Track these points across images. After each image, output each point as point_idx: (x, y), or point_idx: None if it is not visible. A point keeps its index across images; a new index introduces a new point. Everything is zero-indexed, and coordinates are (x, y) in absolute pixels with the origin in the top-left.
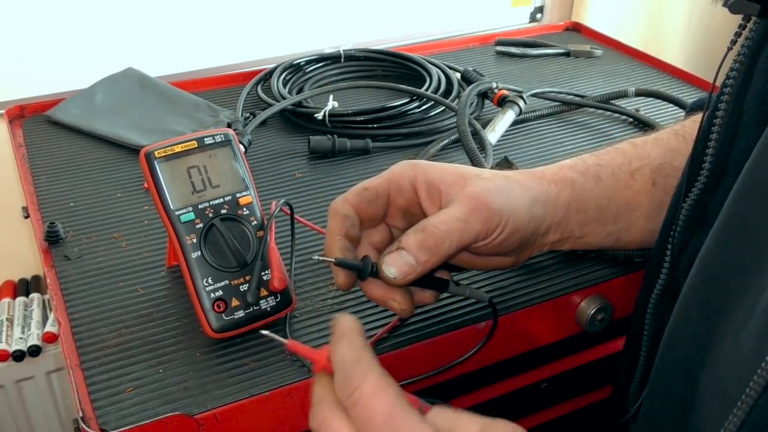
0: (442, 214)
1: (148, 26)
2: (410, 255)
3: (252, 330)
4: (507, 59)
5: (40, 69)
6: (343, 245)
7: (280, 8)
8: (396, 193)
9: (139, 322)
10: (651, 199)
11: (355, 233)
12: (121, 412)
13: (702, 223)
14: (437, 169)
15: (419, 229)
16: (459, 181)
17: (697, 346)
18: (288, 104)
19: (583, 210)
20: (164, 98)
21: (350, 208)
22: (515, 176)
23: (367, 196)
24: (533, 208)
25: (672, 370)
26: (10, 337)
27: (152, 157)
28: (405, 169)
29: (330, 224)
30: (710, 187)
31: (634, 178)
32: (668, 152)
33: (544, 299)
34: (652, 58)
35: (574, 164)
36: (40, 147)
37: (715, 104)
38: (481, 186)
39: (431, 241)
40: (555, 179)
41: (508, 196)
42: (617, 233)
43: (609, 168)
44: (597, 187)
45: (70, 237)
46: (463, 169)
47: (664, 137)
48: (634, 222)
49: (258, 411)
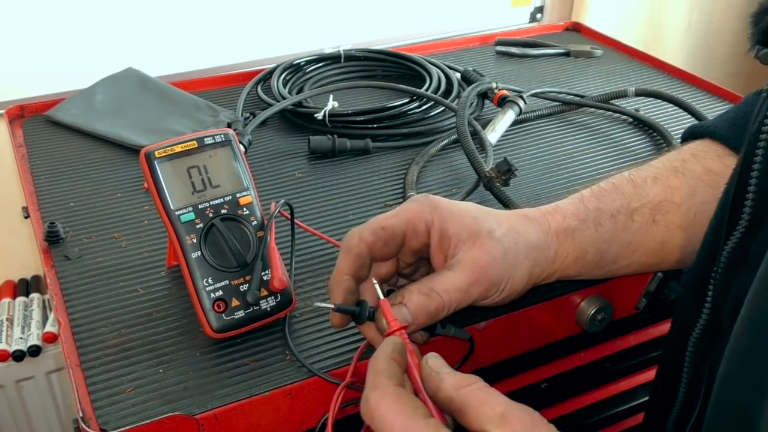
0: (446, 279)
1: (148, 26)
2: (410, 314)
3: (252, 330)
4: (507, 59)
5: (40, 69)
6: (347, 287)
7: (280, 8)
8: (411, 235)
9: (139, 322)
10: (652, 238)
11: (364, 273)
12: (121, 412)
13: (745, 264)
14: (454, 218)
15: (424, 293)
16: (470, 239)
17: (753, 391)
18: (288, 104)
19: (582, 257)
20: (164, 98)
21: (365, 248)
22: (524, 232)
23: (383, 236)
24: (532, 269)
25: (728, 415)
26: (10, 337)
27: (152, 157)
28: (424, 212)
29: (340, 261)
30: (753, 228)
31: (633, 219)
32: (667, 189)
33: (544, 299)
34: (652, 58)
35: (575, 210)
36: (40, 147)
37: (754, 142)
38: (487, 252)
39: (432, 308)
40: (558, 232)
41: (512, 263)
42: (615, 271)
43: (608, 212)
44: (597, 233)
45: (70, 237)
46: (479, 223)
47: (663, 175)
48: (634, 261)
49: (258, 411)
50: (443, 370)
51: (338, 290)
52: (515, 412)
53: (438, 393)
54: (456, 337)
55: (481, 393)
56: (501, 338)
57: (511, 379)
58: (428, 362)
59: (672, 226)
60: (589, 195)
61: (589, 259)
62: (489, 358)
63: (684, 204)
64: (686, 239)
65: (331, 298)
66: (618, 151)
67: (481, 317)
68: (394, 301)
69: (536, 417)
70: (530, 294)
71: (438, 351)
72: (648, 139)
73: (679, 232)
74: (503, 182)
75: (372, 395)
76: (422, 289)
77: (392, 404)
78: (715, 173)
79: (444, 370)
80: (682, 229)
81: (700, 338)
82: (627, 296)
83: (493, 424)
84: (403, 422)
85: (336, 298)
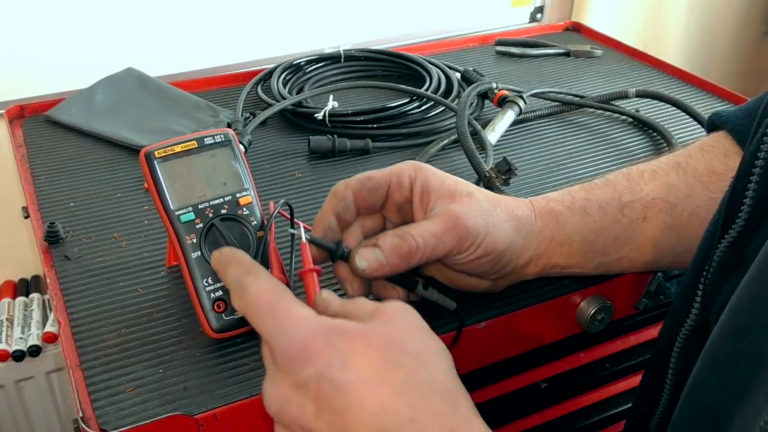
0: (421, 225)
1: (148, 26)
2: (383, 255)
3: (252, 330)
4: (507, 59)
5: (40, 69)
6: (328, 224)
7: (280, 8)
8: (395, 188)
9: (139, 322)
10: (642, 235)
11: (347, 217)
12: (121, 412)
13: (738, 267)
14: (437, 177)
15: (398, 235)
16: (448, 196)
17: (725, 395)
18: (288, 104)
19: (567, 243)
20: (164, 98)
21: (349, 193)
22: (506, 203)
23: (368, 185)
24: (514, 237)
25: (696, 416)
26: (10, 337)
27: (152, 157)
28: (408, 168)
29: (325, 203)
30: (749, 230)
31: (623, 213)
32: (664, 187)
33: (544, 299)
34: (651, 58)
35: (561, 198)
36: (40, 147)
37: (757, 143)
38: (464, 206)
39: (405, 249)
40: (541, 213)
41: (488, 220)
42: (607, 264)
43: (596, 202)
44: (582, 221)
45: (70, 237)
46: (459, 185)
47: (663, 171)
48: (624, 255)
49: (258, 411)
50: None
51: (319, 226)
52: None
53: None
54: (440, 304)
55: (361, 301)
56: (501, 338)
57: (511, 379)
58: (322, 294)
59: (663, 225)
60: (578, 188)
61: (576, 247)
62: (489, 357)
63: (679, 204)
64: (677, 239)
65: (312, 233)
66: (618, 151)
67: (482, 317)
68: (369, 242)
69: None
70: (530, 294)
71: None
72: (648, 139)
73: (670, 231)
74: (503, 182)
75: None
76: (397, 232)
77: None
78: (716, 174)
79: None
80: (673, 229)
81: (687, 339)
82: (627, 296)
83: (367, 317)
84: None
85: (315, 232)
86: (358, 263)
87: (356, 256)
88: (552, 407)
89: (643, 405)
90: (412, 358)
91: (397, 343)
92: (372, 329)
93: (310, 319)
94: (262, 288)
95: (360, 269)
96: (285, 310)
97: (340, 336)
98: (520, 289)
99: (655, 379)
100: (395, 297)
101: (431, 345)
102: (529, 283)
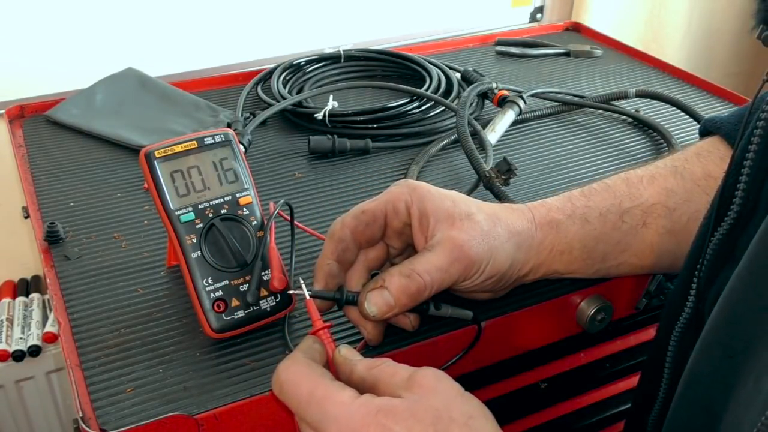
0: (426, 260)
1: (148, 26)
2: (392, 297)
3: (252, 330)
4: (507, 59)
5: (40, 69)
6: (329, 271)
7: (280, 8)
8: (392, 216)
9: (139, 322)
10: (642, 240)
11: (348, 257)
12: (121, 412)
13: (731, 259)
14: (433, 198)
15: (405, 274)
16: (447, 220)
17: (719, 386)
18: (288, 104)
19: (567, 251)
20: (164, 98)
21: (347, 232)
22: (506, 218)
23: (364, 219)
24: (515, 254)
25: (692, 408)
26: (10, 337)
27: (152, 157)
28: (402, 192)
29: (324, 246)
30: (741, 222)
31: (623, 220)
32: (662, 192)
33: (544, 299)
34: (651, 58)
35: (561, 206)
36: (40, 147)
37: (748, 138)
38: (465, 232)
39: (413, 288)
40: (542, 223)
41: (491, 244)
42: (606, 270)
43: (597, 209)
44: (582, 229)
45: (70, 237)
46: (457, 206)
47: (661, 175)
48: (624, 261)
49: (258, 411)
50: (355, 357)
51: (320, 274)
52: (420, 372)
53: (351, 376)
54: (457, 318)
55: (389, 367)
56: (501, 338)
57: (511, 379)
58: (341, 352)
59: (663, 230)
60: (578, 194)
61: (576, 255)
62: (489, 358)
63: (678, 209)
64: (677, 244)
65: (314, 283)
66: (618, 151)
67: (482, 318)
68: (376, 284)
69: (439, 373)
70: (530, 294)
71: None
72: (648, 139)
73: (669, 236)
74: (503, 182)
75: (281, 364)
76: (403, 270)
77: (301, 369)
78: (713, 178)
79: (356, 357)
80: (672, 233)
81: (683, 332)
82: (627, 296)
83: (403, 388)
84: (310, 384)
85: (317, 282)
86: (368, 309)
87: (365, 303)
88: (552, 407)
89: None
90: (462, 427)
91: (444, 414)
92: (417, 404)
93: (354, 404)
94: (296, 374)
95: (371, 315)
96: (326, 395)
97: (390, 416)
98: (520, 290)
99: (652, 374)
100: (407, 324)
101: (474, 409)
102: (529, 284)
